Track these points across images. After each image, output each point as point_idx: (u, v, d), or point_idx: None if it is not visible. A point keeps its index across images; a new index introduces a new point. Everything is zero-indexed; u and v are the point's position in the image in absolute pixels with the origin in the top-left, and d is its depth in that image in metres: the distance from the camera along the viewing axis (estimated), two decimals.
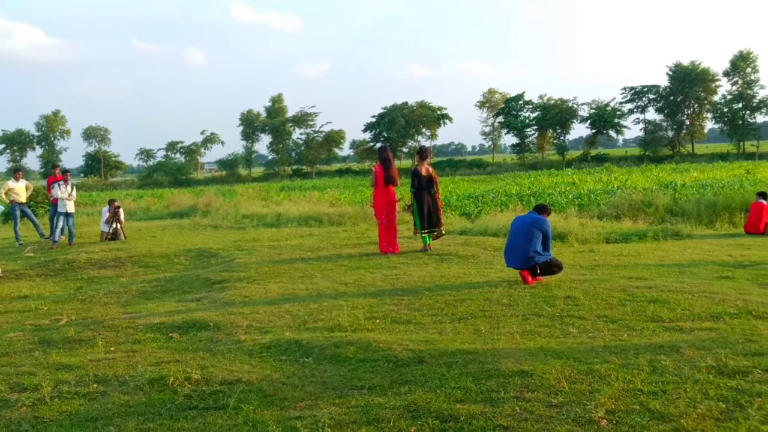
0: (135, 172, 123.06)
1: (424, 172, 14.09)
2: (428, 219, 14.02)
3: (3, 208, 15.99)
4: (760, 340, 6.53)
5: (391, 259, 13.10)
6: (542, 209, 10.73)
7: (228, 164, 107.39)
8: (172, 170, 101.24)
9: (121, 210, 19.88)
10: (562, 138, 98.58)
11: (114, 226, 19.48)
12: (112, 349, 7.64)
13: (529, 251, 10.08)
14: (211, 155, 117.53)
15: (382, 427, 4.91)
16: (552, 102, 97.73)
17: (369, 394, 5.63)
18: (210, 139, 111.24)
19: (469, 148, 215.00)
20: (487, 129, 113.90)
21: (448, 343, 6.97)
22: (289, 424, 5.05)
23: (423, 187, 14.05)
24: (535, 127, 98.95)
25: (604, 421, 4.76)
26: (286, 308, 9.13)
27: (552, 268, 10.28)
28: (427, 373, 5.96)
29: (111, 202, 19.90)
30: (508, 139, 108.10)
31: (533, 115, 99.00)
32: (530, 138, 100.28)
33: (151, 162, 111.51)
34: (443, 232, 14.58)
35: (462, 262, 12.72)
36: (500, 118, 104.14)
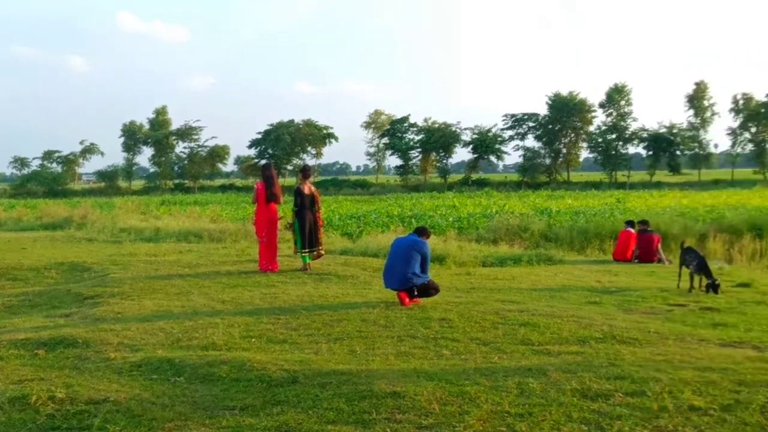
0: (7, 181, 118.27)
1: (306, 190, 14.13)
2: (309, 238, 14.03)
3: None
4: (622, 364, 6.78)
5: (270, 278, 13.02)
6: (422, 232, 10.88)
7: (107, 176, 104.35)
8: (48, 180, 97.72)
9: None
10: (444, 161, 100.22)
11: None
12: None
13: (408, 273, 10.19)
14: (90, 166, 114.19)
15: None
16: (436, 126, 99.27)
17: (240, 414, 5.57)
18: (89, 150, 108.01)
19: (354, 168, 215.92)
20: (372, 150, 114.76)
21: (323, 363, 6.97)
22: None
23: (305, 206, 14.07)
24: (419, 150, 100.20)
25: None
26: (159, 325, 8.94)
27: (429, 290, 10.43)
28: (301, 394, 5.94)
29: None
30: (393, 161, 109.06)
31: (417, 138, 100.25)
32: (414, 160, 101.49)
33: (26, 171, 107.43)
34: (323, 252, 14.62)
35: (341, 282, 12.76)
36: (385, 140, 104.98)
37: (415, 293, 10.30)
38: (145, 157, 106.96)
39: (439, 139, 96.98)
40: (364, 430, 5.11)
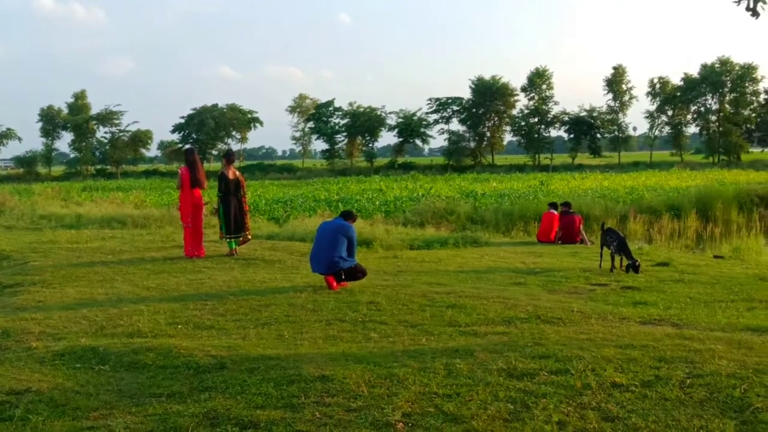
0: None
1: (231, 175, 14.06)
2: (234, 223, 13.96)
3: None
4: (547, 343, 6.91)
5: (197, 264, 12.89)
6: (348, 215, 10.91)
7: (25, 162, 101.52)
8: None
9: None
10: (370, 145, 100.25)
11: None
12: None
13: (334, 257, 10.20)
14: (6, 151, 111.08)
15: None
16: (361, 110, 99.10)
17: (167, 401, 5.51)
18: (5, 135, 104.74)
19: (280, 153, 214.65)
20: (297, 134, 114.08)
21: (250, 348, 6.94)
22: None
23: (230, 191, 14.01)
24: (345, 134, 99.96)
25: (401, 424, 4.90)
26: (83, 313, 8.78)
27: (356, 273, 10.47)
28: (229, 380, 5.92)
29: None
30: (319, 145, 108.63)
31: (343, 122, 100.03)
32: (340, 144, 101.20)
33: None
34: (249, 237, 14.55)
35: (268, 266, 12.70)
36: (311, 124, 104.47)
37: (342, 277, 10.34)
38: (64, 142, 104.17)
39: (365, 123, 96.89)
40: (293, 414, 5.11)
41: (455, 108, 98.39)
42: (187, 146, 16.00)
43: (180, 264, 12.88)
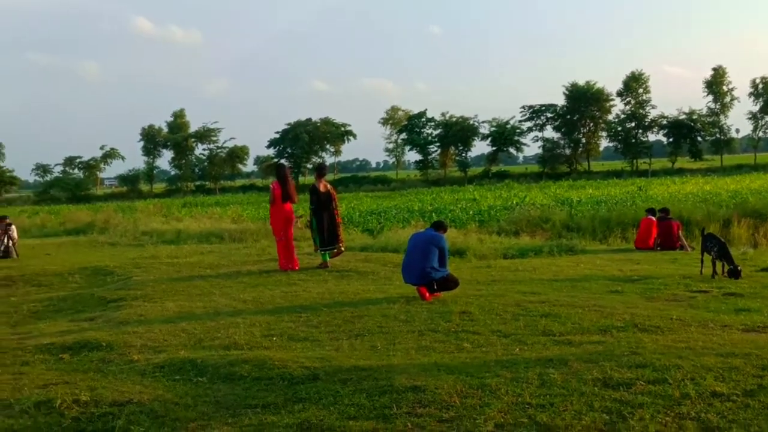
0: (31, 188, 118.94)
1: (322, 188, 14.26)
2: (328, 236, 14.09)
3: None
4: (644, 352, 6.75)
5: (291, 276, 13.07)
6: (439, 226, 10.92)
7: (129, 180, 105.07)
8: (71, 186, 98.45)
9: (13, 227, 19.30)
10: (464, 155, 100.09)
11: (6, 243, 18.88)
12: None
13: (426, 267, 10.21)
14: (111, 170, 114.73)
15: None
16: (454, 120, 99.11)
17: (262, 412, 5.60)
18: (110, 154, 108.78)
19: (374, 165, 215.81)
20: (390, 146, 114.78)
21: (343, 359, 6.99)
22: None
23: (322, 204, 14.17)
24: (438, 144, 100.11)
25: None
26: (182, 327, 9.01)
27: (449, 283, 10.44)
28: (322, 391, 5.97)
29: (2, 219, 19.32)
30: (412, 156, 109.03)
31: (436, 132, 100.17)
32: (433, 155, 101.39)
33: (48, 177, 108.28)
34: (342, 249, 14.66)
35: (361, 278, 12.78)
36: (403, 135, 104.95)
37: (435, 287, 10.32)
38: (165, 160, 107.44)
39: (458, 132, 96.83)
40: (385, 424, 5.12)
41: (549, 115, 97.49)
42: (279, 162, 16.42)
43: (275, 277, 13.08)
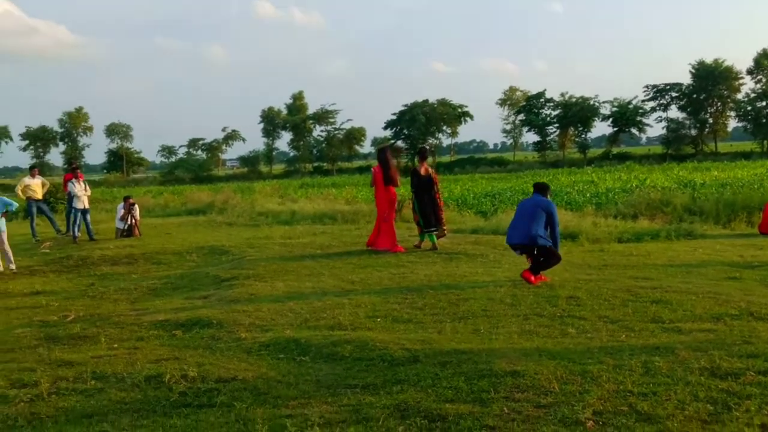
0: (157, 169, 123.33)
1: (423, 172, 14.34)
2: (429, 218, 14.13)
3: (17, 204, 16.17)
4: (757, 342, 6.49)
5: (400, 258, 13.10)
6: (542, 188, 10.71)
7: (249, 161, 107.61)
8: (194, 167, 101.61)
9: (136, 207, 20.02)
10: (583, 136, 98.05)
11: (129, 222, 19.62)
12: (115, 346, 7.75)
13: (532, 231, 10.02)
14: (232, 152, 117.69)
15: (370, 426, 4.94)
16: (573, 100, 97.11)
17: (361, 392, 5.66)
18: (231, 136, 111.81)
19: (491, 146, 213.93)
20: (508, 127, 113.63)
21: (444, 342, 6.99)
22: (279, 422, 5.09)
23: (422, 186, 14.25)
24: (557, 125, 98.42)
25: (591, 422, 4.76)
26: (289, 306, 9.19)
27: (552, 257, 10.18)
28: (421, 373, 5.98)
29: (126, 198, 20.07)
30: (530, 137, 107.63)
31: (554, 113, 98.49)
32: (551, 136, 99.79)
33: (173, 159, 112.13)
34: (445, 231, 14.69)
35: (470, 260, 12.70)
36: (521, 116, 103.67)
37: (539, 258, 10.15)
38: (284, 141, 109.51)
39: (577, 113, 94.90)
40: (482, 408, 5.10)
41: (674, 94, 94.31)
42: (380, 146, 16.71)
43: (384, 258, 13.15)
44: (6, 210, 14.86)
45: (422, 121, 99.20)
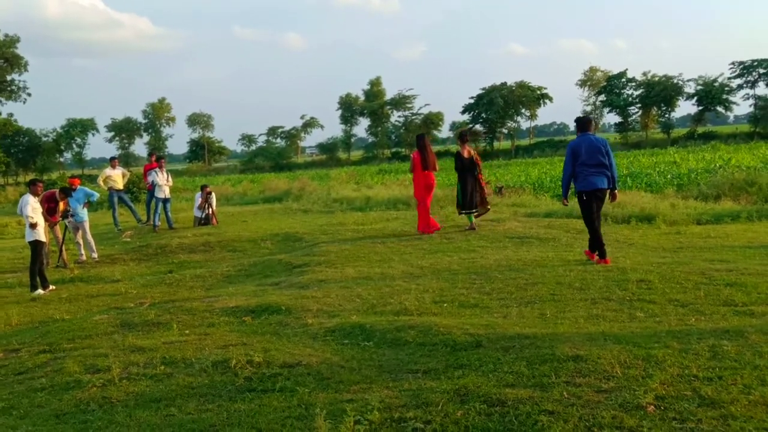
0: (238, 157, 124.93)
1: (466, 154, 14.96)
2: (470, 199, 14.81)
3: (98, 195, 16.67)
4: None
5: (471, 242, 13.06)
6: (586, 124, 10.88)
7: (327, 148, 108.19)
8: (273, 155, 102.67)
9: (213, 195, 20.40)
10: (666, 116, 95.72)
11: (206, 211, 20.00)
12: (187, 332, 7.92)
13: (614, 173, 10.54)
14: (311, 139, 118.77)
15: (430, 410, 4.95)
16: (656, 79, 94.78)
17: (423, 377, 5.69)
18: (310, 124, 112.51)
19: (571, 128, 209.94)
20: (588, 108, 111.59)
21: (508, 327, 6.95)
22: (339, 406, 5.14)
23: (465, 168, 14.91)
24: (639, 106, 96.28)
25: (652, 407, 4.68)
26: (357, 292, 9.26)
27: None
28: (483, 358, 5.97)
29: (203, 187, 20.46)
30: (611, 118, 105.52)
31: (636, 93, 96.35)
32: (633, 116, 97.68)
33: (253, 147, 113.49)
34: (488, 208, 15.60)
35: (542, 245, 12.58)
36: (602, 97, 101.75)
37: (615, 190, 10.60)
38: (362, 127, 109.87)
39: (660, 92, 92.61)
40: (542, 393, 5.06)
41: (762, 71, 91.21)
42: (419, 133, 17.23)
43: (455, 243, 13.12)
44: (88, 200, 15.34)
45: (500, 104, 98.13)
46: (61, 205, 14.56)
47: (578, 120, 11.03)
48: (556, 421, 4.57)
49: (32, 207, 12.22)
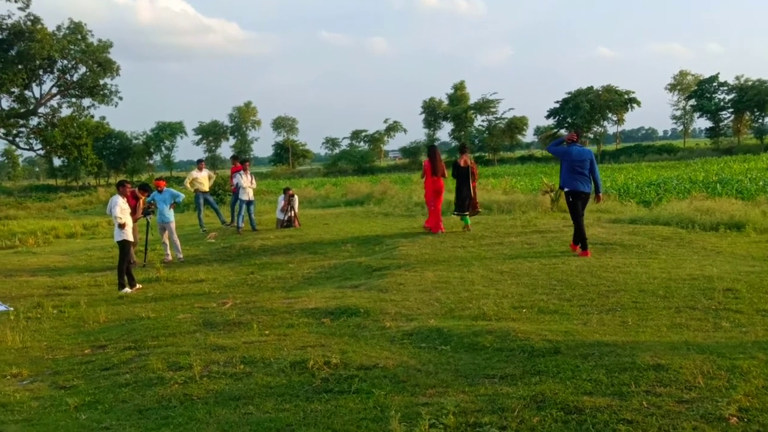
0: (321, 161, 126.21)
1: (462, 163, 16.55)
2: (462, 203, 16.43)
3: (184, 196, 17.04)
4: None
5: (552, 248, 12.89)
6: (580, 136, 13.21)
7: (410, 152, 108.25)
8: (356, 158, 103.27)
9: (295, 198, 20.61)
10: (760, 121, 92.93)
11: (289, 213, 20.23)
12: (266, 332, 8.04)
13: (597, 178, 12.37)
14: (393, 143, 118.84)
15: (505, 416, 4.92)
16: (750, 83, 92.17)
17: (499, 383, 5.65)
18: (393, 128, 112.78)
19: (660, 133, 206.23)
20: (678, 113, 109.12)
21: (587, 334, 6.85)
22: (414, 410, 5.15)
23: (461, 176, 16.51)
24: (731, 110, 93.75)
25: (735, 418, 4.56)
26: (436, 296, 9.25)
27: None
28: (561, 364, 5.90)
29: (286, 190, 20.68)
30: (701, 123, 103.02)
31: (729, 98, 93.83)
32: (725, 121, 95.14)
33: (336, 150, 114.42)
34: (478, 211, 17.41)
35: (626, 251, 12.33)
36: (692, 101, 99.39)
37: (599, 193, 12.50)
38: (445, 132, 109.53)
39: (754, 97, 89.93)
40: (621, 402, 4.97)
41: None
42: (430, 144, 18.37)
43: (535, 248, 12.97)
44: (174, 201, 15.69)
45: (586, 108, 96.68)
46: (141, 203, 14.92)
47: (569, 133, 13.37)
48: (634, 431, 4.48)
49: (121, 208, 12.56)
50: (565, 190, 12.51)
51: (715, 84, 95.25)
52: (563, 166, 12.57)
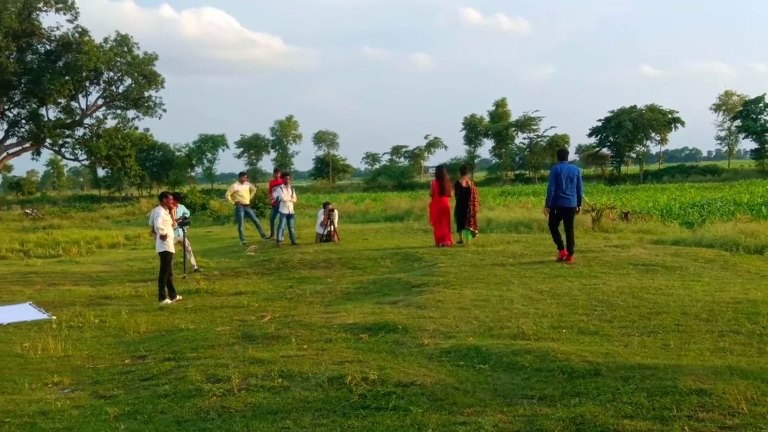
0: (361, 176, 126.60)
1: (464, 184, 17.92)
2: (462, 220, 17.73)
3: (189, 213, 17.12)
4: None
5: (593, 269, 12.77)
6: (566, 154, 14.99)
7: (450, 168, 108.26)
8: (396, 174, 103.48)
9: (335, 213, 20.68)
10: None
11: (328, 228, 20.29)
12: (305, 346, 8.05)
13: (582, 194, 14.12)
14: (434, 159, 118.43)
15: None
16: None
17: (538, 404, 5.59)
18: (433, 144, 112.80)
19: (704, 154, 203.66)
20: (722, 133, 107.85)
21: (629, 356, 6.76)
22: (452, 428, 5.12)
23: (462, 196, 17.77)
24: None
25: None
26: (475, 314, 9.21)
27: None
28: (601, 386, 5.82)
29: (325, 205, 20.75)
30: (747, 144, 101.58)
31: None
32: None
33: (377, 166, 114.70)
34: (476, 232, 18.47)
35: (668, 273, 12.19)
36: (738, 122, 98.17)
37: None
38: (486, 149, 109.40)
39: None
40: (662, 426, 4.90)
41: None
42: (438, 165, 18.76)
43: (576, 269, 12.86)
44: (183, 217, 15.62)
45: (629, 127, 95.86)
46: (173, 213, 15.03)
47: (559, 151, 15.24)
48: None
49: (163, 219, 12.70)
50: (557, 206, 14.07)
51: (761, 105, 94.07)
52: (553, 184, 13.98)
